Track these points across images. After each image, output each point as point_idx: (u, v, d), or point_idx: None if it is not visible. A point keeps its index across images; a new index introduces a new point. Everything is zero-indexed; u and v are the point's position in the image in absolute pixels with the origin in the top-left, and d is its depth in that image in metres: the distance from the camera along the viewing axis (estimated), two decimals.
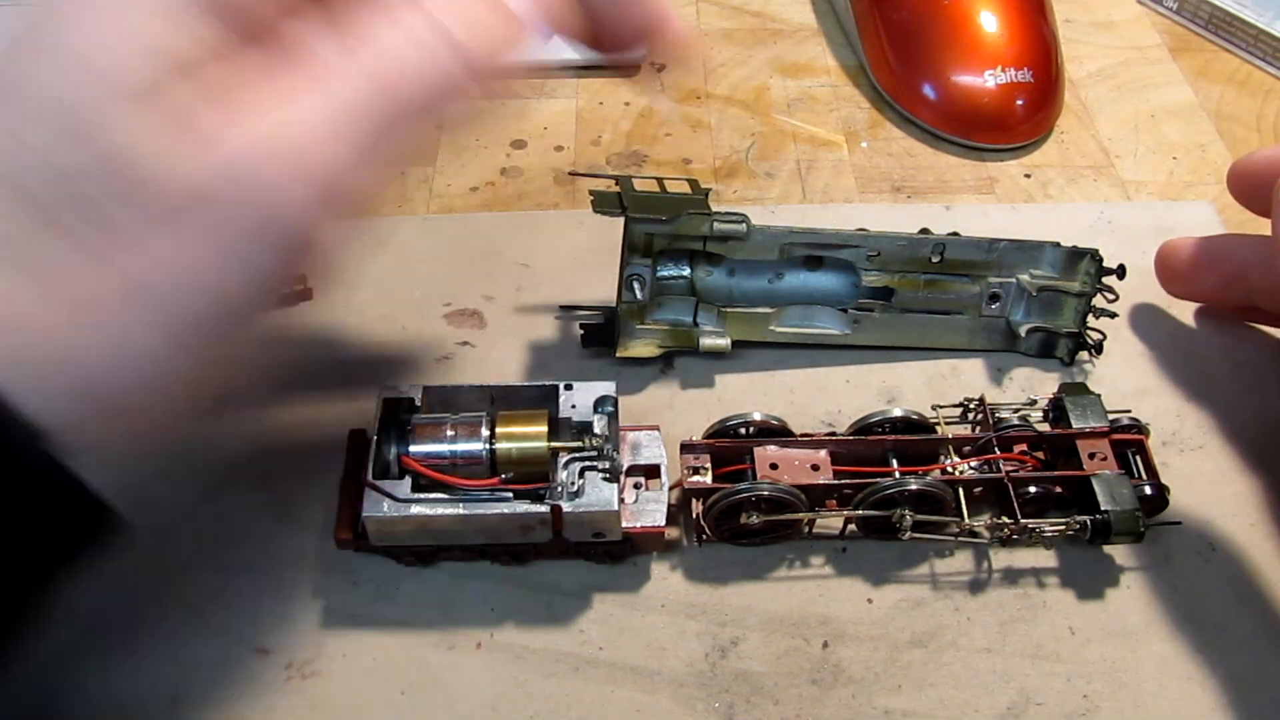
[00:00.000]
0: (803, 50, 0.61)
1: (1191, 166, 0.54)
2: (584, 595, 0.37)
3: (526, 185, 0.52)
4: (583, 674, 0.35)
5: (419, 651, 0.36)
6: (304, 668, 0.35)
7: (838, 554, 0.38)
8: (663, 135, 0.55)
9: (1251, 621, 0.37)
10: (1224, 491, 0.40)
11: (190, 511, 0.39)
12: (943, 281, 0.44)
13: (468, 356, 0.44)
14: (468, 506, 0.34)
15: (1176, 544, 0.39)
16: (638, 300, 0.42)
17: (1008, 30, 0.54)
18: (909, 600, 0.37)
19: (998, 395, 0.43)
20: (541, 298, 0.46)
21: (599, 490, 0.35)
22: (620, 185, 0.40)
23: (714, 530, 0.37)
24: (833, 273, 0.44)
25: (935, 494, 0.36)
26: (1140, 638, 0.36)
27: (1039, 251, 0.44)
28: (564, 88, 0.57)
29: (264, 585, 0.37)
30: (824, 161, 0.54)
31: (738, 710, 0.35)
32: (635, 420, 0.40)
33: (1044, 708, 0.35)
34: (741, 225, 0.41)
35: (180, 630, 0.36)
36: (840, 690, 0.35)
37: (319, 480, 0.40)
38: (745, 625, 0.37)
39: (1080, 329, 0.44)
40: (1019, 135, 0.54)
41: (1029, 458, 0.39)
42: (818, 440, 0.38)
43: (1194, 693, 0.35)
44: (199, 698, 0.34)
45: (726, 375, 0.44)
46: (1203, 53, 0.61)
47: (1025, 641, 0.36)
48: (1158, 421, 0.41)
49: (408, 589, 0.37)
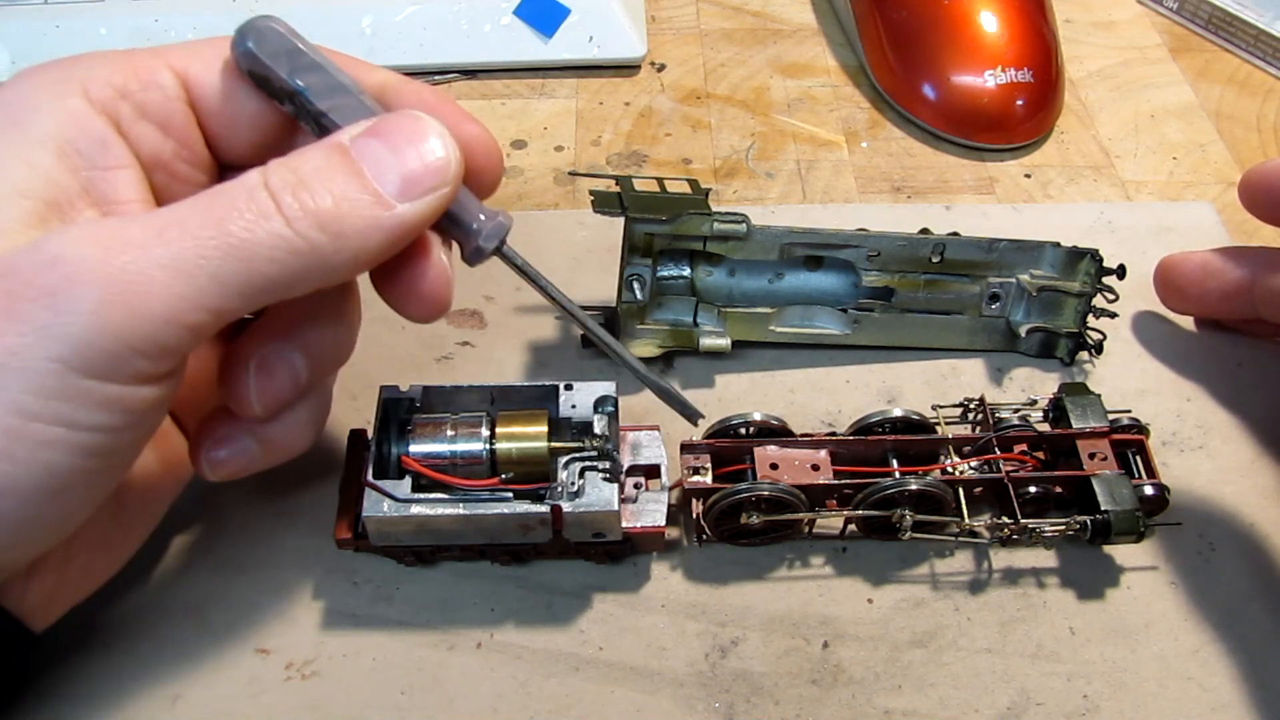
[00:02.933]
0: (803, 50, 0.61)
1: (1191, 166, 0.54)
2: (584, 595, 0.37)
3: (526, 185, 0.52)
4: (583, 674, 0.35)
5: (419, 651, 0.36)
6: (304, 668, 0.35)
7: (838, 554, 0.38)
8: (663, 135, 0.55)
9: (1251, 621, 0.37)
10: (1224, 491, 0.40)
11: (190, 511, 0.39)
12: (943, 281, 0.44)
13: (468, 356, 0.44)
14: (468, 506, 0.34)
15: (1176, 544, 0.39)
16: (638, 300, 0.42)
17: (1008, 30, 0.54)
18: (909, 600, 0.37)
19: (998, 395, 0.43)
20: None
21: (599, 490, 0.35)
22: (620, 185, 0.40)
23: (714, 530, 0.37)
24: (833, 273, 0.44)
25: (935, 494, 0.36)
26: (1140, 638, 0.36)
27: (1039, 251, 0.44)
28: (564, 88, 0.58)
29: (264, 585, 0.37)
30: (824, 161, 0.54)
31: (738, 710, 0.35)
32: (635, 420, 0.40)
33: (1044, 708, 0.35)
34: (741, 225, 0.41)
35: (180, 630, 0.36)
36: (840, 690, 0.35)
37: (319, 480, 0.40)
38: (745, 625, 0.37)
39: (1080, 329, 0.44)
40: (1019, 135, 0.54)
41: (1029, 458, 0.39)
42: (818, 440, 0.38)
43: (1194, 693, 0.35)
44: (199, 698, 0.35)
45: (726, 375, 0.44)
46: (1203, 53, 0.61)
47: (1025, 641, 0.36)
48: (1158, 421, 0.41)
49: (408, 589, 0.37)
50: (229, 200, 0.27)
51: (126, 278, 0.25)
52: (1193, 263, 0.43)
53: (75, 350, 0.25)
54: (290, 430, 0.33)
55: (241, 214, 0.26)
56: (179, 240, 0.26)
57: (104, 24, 0.55)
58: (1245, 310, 0.42)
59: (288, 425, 0.33)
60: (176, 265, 0.26)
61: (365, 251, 0.28)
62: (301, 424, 0.33)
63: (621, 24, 0.58)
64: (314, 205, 0.27)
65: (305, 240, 0.27)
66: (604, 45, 0.58)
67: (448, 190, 0.29)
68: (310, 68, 0.29)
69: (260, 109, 0.31)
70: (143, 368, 0.26)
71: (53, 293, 0.25)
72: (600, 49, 0.58)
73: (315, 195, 0.27)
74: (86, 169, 0.29)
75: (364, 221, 0.27)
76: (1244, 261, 0.42)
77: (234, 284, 0.26)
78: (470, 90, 0.57)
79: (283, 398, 0.32)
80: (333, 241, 0.27)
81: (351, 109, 0.30)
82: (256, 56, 0.29)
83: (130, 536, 0.34)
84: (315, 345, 0.32)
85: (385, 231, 0.28)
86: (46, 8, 0.55)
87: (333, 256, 0.27)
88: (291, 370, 0.31)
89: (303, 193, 0.27)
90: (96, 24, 0.55)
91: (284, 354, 0.31)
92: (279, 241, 0.26)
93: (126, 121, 0.30)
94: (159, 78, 0.30)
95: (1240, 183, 0.42)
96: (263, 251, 0.26)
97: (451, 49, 0.57)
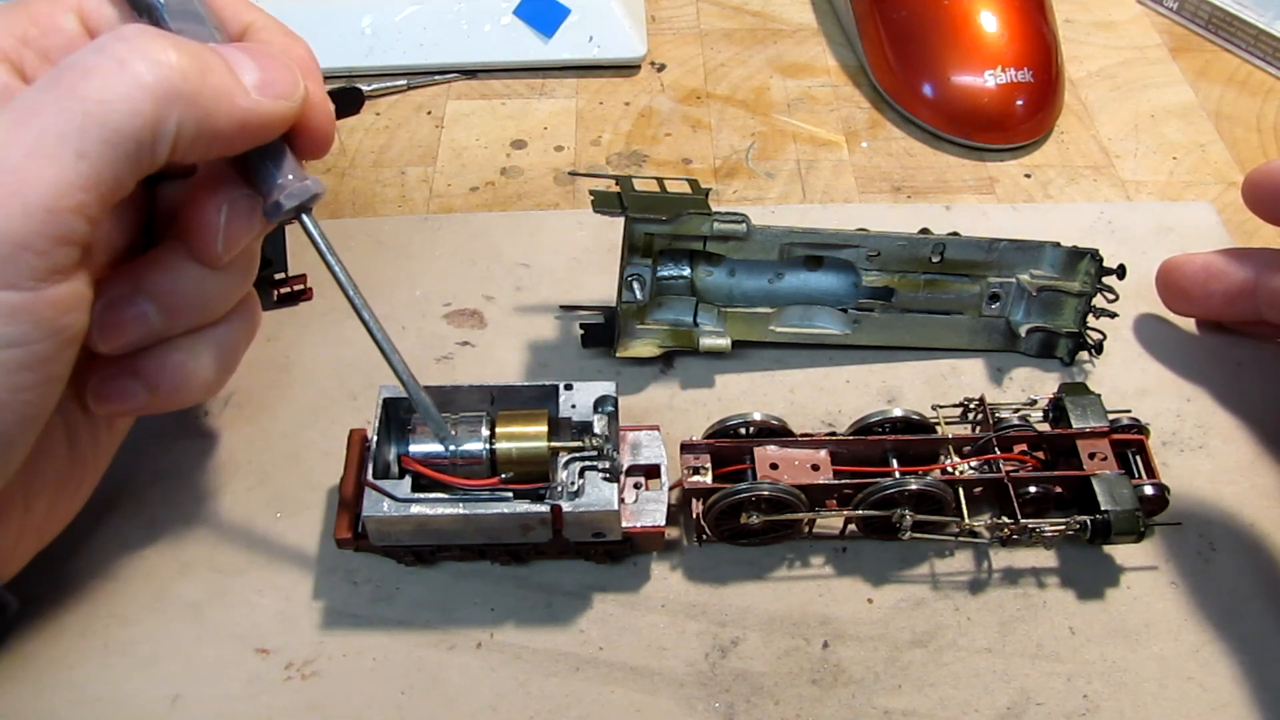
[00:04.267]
0: (803, 50, 0.61)
1: (1191, 166, 0.54)
2: (584, 595, 0.37)
3: (526, 185, 0.52)
4: (583, 674, 0.35)
5: (419, 651, 0.36)
6: (304, 668, 0.35)
7: (838, 554, 0.38)
8: (663, 135, 0.55)
9: (1252, 621, 0.37)
10: (1224, 491, 0.40)
11: (190, 511, 0.39)
12: (943, 281, 0.44)
13: (468, 356, 0.44)
14: (468, 506, 0.34)
15: (1176, 544, 0.39)
16: (638, 300, 0.42)
17: (1008, 30, 0.54)
18: (909, 600, 0.37)
19: (998, 395, 0.43)
20: (541, 298, 0.46)
21: (599, 490, 0.35)
22: (620, 185, 0.40)
23: (714, 530, 0.37)
24: (833, 273, 0.44)
25: (935, 494, 0.36)
26: (1140, 638, 0.36)
27: (1039, 251, 0.44)
28: (564, 88, 0.58)
29: (264, 585, 0.37)
30: (824, 161, 0.54)
31: (738, 710, 0.35)
32: (635, 420, 0.40)
33: (1044, 708, 0.35)
34: (741, 225, 0.41)
35: (180, 630, 0.36)
36: (840, 690, 0.35)
37: (319, 480, 0.40)
38: (745, 625, 0.37)
39: (1080, 329, 0.44)
40: (1019, 135, 0.54)
41: (1029, 458, 0.39)
42: (818, 440, 0.38)
43: (1194, 693, 0.35)
44: (199, 698, 0.34)
45: (726, 375, 0.44)
46: (1203, 53, 0.61)
47: (1025, 641, 0.36)
48: (1158, 421, 0.41)
49: (408, 589, 0.37)
50: (80, 61, 0.26)
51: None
52: (1195, 265, 0.43)
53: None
54: (173, 375, 0.32)
55: (95, 70, 0.26)
56: (37, 120, 0.25)
57: None
58: (1248, 312, 0.42)
59: (171, 370, 0.32)
60: (40, 150, 0.25)
61: (217, 123, 0.28)
62: (186, 371, 0.32)
63: (621, 24, 0.58)
64: (174, 60, 0.27)
65: (162, 86, 0.26)
66: (604, 45, 0.58)
67: (294, 106, 0.29)
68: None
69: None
70: (40, 265, 0.26)
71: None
72: (600, 49, 0.58)
73: (176, 51, 0.27)
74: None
75: (222, 88, 0.27)
76: (1247, 263, 0.42)
77: (99, 152, 0.26)
78: (470, 90, 0.57)
79: (132, 341, 0.31)
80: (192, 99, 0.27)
81: (200, 34, 0.30)
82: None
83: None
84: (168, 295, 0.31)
85: (241, 111, 0.28)
86: None
87: (189, 113, 0.27)
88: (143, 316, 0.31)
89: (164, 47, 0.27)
90: None
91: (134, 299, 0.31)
92: (136, 92, 0.26)
93: (31, 67, 0.31)
94: (59, 21, 0.31)
95: (1244, 183, 0.42)
96: (121, 105, 0.26)
97: (451, 49, 0.57)
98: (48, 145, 0.25)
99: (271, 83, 0.29)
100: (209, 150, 0.29)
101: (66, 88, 0.26)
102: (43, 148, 0.25)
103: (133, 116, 0.26)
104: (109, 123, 0.26)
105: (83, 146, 0.26)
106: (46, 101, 0.26)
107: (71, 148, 0.25)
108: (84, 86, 0.26)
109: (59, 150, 0.25)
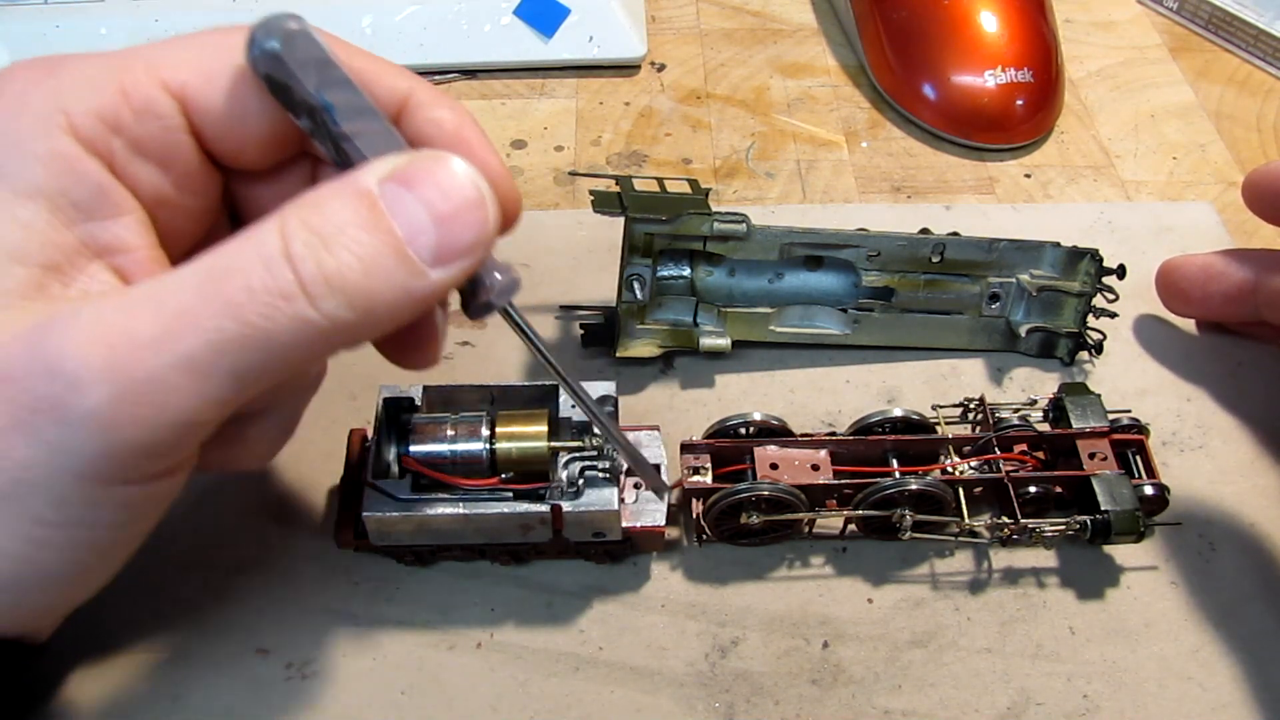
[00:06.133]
0: (803, 50, 0.61)
1: (1191, 166, 0.54)
2: (584, 595, 0.37)
3: (526, 185, 0.52)
4: (583, 674, 0.35)
5: (419, 651, 0.36)
6: (304, 668, 0.35)
7: (838, 554, 0.38)
8: (663, 135, 0.55)
9: (1252, 621, 0.37)
10: (1224, 491, 0.40)
11: (190, 512, 0.39)
12: (943, 281, 0.44)
13: (468, 356, 0.44)
14: (468, 506, 0.34)
15: (1176, 544, 0.39)
16: (638, 300, 0.42)
17: (1008, 30, 0.54)
18: (909, 600, 0.37)
19: (998, 395, 0.43)
20: (541, 298, 0.46)
21: (599, 490, 0.35)
22: (620, 185, 0.40)
23: (714, 530, 0.37)
24: (833, 273, 0.44)
25: (935, 494, 0.36)
26: (1140, 638, 0.36)
27: (1039, 251, 0.44)
28: (564, 88, 0.58)
29: (264, 585, 0.37)
30: (824, 161, 0.54)
31: (738, 710, 0.35)
32: (635, 420, 0.40)
33: (1044, 708, 0.35)
34: (741, 225, 0.41)
35: (180, 630, 0.36)
36: (840, 690, 0.35)
37: (319, 480, 0.40)
38: (745, 625, 0.37)
39: (1080, 329, 0.44)
40: (1019, 135, 0.54)
41: (1029, 458, 0.39)
42: (818, 440, 0.38)
43: (1194, 693, 0.35)
44: (199, 698, 0.34)
45: (726, 375, 0.44)
46: (1203, 53, 0.61)
47: (1025, 641, 0.36)
48: (1158, 421, 0.41)
49: (408, 589, 0.37)
50: (244, 278, 0.23)
51: (136, 386, 0.23)
52: (1194, 266, 0.43)
53: (88, 462, 0.24)
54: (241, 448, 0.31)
55: (259, 296, 0.23)
56: (191, 334, 0.23)
57: (104, 24, 0.55)
58: (1248, 313, 0.42)
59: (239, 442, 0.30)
60: (190, 365, 0.23)
61: (392, 322, 0.25)
62: (252, 443, 0.31)
63: (621, 24, 0.58)
64: (341, 278, 0.24)
65: (331, 321, 0.24)
66: (604, 45, 0.58)
67: (483, 255, 0.26)
68: (340, 84, 0.26)
69: (274, 120, 0.28)
70: (159, 467, 0.25)
71: (59, 405, 0.23)
72: (600, 49, 0.58)
73: (342, 263, 0.24)
74: (84, 221, 0.26)
75: (395, 294, 0.24)
76: (1246, 264, 0.42)
77: (252, 374, 0.24)
78: (470, 90, 0.57)
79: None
80: (361, 319, 0.24)
81: (377, 137, 0.26)
82: (282, 62, 0.26)
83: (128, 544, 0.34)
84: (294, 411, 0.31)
85: (416, 302, 0.25)
86: (46, 8, 0.55)
87: (357, 331, 0.25)
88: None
89: (328, 260, 0.24)
90: (97, 24, 0.55)
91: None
92: (302, 326, 0.24)
93: (122, 161, 0.27)
94: (154, 104, 0.27)
95: (1244, 183, 0.42)
96: (283, 338, 0.24)
97: (451, 49, 0.57)
98: (201, 362, 0.23)
99: (452, 247, 0.25)
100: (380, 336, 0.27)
101: (230, 300, 0.23)
102: (195, 363, 0.23)
103: (295, 349, 0.24)
104: (272, 349, 0.24)
105: (238, 368, 0.24)
106: (206, 309, 0.23)
107: (226, 366, 0.23)
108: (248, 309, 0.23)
109: (212, 369, 0.23)
